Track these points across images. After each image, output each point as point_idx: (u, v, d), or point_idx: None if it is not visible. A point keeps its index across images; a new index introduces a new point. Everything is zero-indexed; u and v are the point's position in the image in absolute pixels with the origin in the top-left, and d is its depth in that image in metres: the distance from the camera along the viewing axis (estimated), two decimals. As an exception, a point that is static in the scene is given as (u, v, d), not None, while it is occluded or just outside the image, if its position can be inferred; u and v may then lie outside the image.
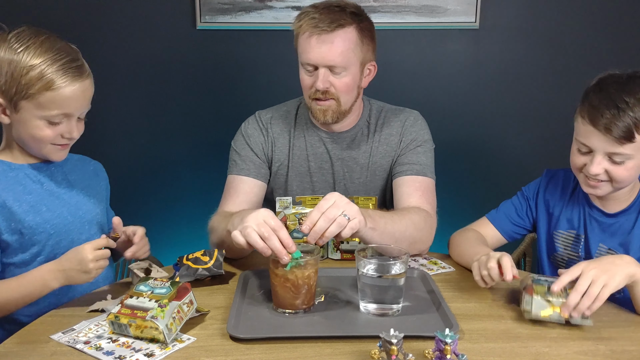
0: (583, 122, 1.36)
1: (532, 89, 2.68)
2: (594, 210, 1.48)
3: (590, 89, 1.39)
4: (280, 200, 1.52)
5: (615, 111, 1.30)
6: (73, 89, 1.28)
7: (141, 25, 2.58)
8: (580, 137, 1.37)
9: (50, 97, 1.26)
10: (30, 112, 1.28)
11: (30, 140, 1.32)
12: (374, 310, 1.21)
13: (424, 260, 1.54)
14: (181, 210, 2.68)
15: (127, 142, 2.69)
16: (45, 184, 1.36)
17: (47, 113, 1.28)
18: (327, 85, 1.54)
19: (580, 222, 1.50)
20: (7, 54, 1.25)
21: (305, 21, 1.52)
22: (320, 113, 1.58)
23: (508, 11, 2.61)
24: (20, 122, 1.29)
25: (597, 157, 1.34)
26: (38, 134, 1.30)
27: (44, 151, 1.34)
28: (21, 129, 1.31)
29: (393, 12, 2.56)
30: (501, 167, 2.75)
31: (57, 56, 1.27)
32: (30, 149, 1.35)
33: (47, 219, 1.34)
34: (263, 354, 1.08)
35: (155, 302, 1.12)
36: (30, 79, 1.25)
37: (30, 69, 1.25)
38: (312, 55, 1.52)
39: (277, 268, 1.21)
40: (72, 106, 1.30)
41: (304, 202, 1.55)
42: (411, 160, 1.63)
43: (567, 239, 1.48)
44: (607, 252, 1.44)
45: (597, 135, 1.32)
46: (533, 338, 1.14)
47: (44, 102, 1.26)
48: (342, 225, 1.22)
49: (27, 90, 1.25)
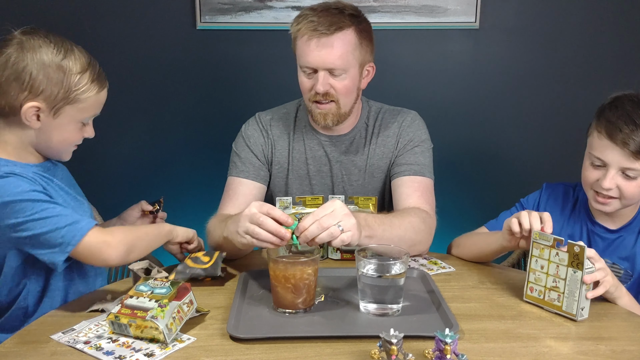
0: (599, 137, 1.39)
1: (531, 89, 2.68)
2: (597, 227, 1.50)
3: (606, 106, 1.42)
4: (280, 200, 1.52)
5: (633, 127, 1.34)
6: (105, 91, 1.36)
7: (141, 25, 2.58)
8: (595, 152, 1.40)
9: (93, 101, 1.31)
10: (71, 116, 1.30)
11: (59, 143, 1.34)
12: (374, 310, 1.21)
13: (424, 260, 1.54)
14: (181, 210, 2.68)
15: (126, 141, 2.69)
16: (54, 180, 1.37)
17: (85, 116, 1.32)
18: (327, 88, 1.53)
19: (583, 238, 1.51)
20: (52, 59, 1.25)
21: (304, 24, 1.51)
22: (320, 117, 1.58)
23: (508, 11, 2.60)
24: (55, 127, 1.30)
25: (611, 172, 1.37)
26: (71, 138, 1.34)
27: (65, 153, 1.37)
28: (54, 133, 1.31)
29: (393, 12, 2.56)
30: (501, 167, 2.75)
31: (93, 61, 1.32)
32: (51, 151, 1.35)
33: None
34: (263, 354, 1.08)
35: (155, 302, 1.13)
36: (81, 85, 1.28)
37: (81, 75, 1.27)
38: (311, 58, 1.52)
39: (277, 268, 1.21)
40: (101, 107, 1.36)
41: (304, 202, 1.55)
42: (409, 160, 1.63)
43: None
44: (612, 266, 1.46)
45: (614, 149, 1.36)
46: (533, 338, 1.14)
47: (87, 107, 1.31)
48: (333, 236, 1.21)
49: (78, 96, 1.27)
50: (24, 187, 1.22)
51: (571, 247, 1.20)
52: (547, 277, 1.25)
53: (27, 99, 1.24)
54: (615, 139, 1.35)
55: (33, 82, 1.24)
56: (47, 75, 1.24)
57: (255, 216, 1.24)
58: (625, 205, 1.43)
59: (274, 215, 1.23)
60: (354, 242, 1.26)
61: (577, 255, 1.20)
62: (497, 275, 1.45)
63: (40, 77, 1.24)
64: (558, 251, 1.23)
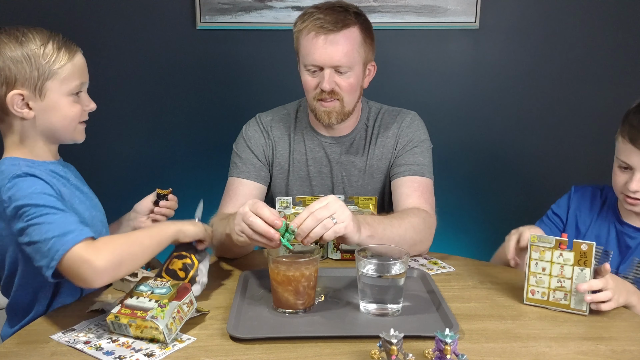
0: (623, 142, 1.44)
1: (531, 89, 2.68)
2: (625, 227, 1.52)
3: (631, 110, 1.47)
4: (280, 200, 1.52)
5: None
6: (80, 56, 1.32)
7: (141, 25, 2.58)
8: (621, 156, 1.46)
9: (70, 69, 1.28)
10: (57, 91, 1.27)
11: (64, 123, 1.31)
12: (374, 310, 1.21)
13: (424, 260, 1.54)
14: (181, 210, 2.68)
15: (126, 141, 2.69)
16: (70, 179, 1.36)
17: (72, 85, 1.29)
18: (333, 86, 1.54)
19: (610, 238, 1.54)
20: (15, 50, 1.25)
21: (311, 22, 1.51)
22: (325, 115, 1.58)
23: (508, 11, 2.60)
24: (49, 108, 1.28)
25: (637, 175, 1.42)
26: (70, 113, 1.30)
27: (75, 132, 1.34)
28: (51, 115, 1.29)
29: (393, 12, 2.56)
30: (500, 167, 2.75)
31: (53, 33, 1.30)
32: (61, 135, 1.33)
33: (81, 211, 1.33)
34: (263, 354, 1.08)
35: (155, 302, 1.13)
36: (49, 57, 1.26)
37: (44, 48, 1.26)
38: (317, 55, 1.52)
39: (277, 268, 1.21)
40: (85, 74, 1.33)
41: (304, 202, 1.55)
42: (408, 161, 1.63)
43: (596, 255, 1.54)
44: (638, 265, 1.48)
45: (637, 153, 1.41)
46: (533, 338, 1.14)
47: (68, 76, 1.28)
48: (326, 227, 1.21)
49: (50, 68, 1.26)
50: (36, 188, 1.20)
51: (577, 245, 1.22)
52: (550, 278, 1.25)
53: (6, 93, 1.25)
54: (638, 143, 1.40)
55: (4, 75, 1.24)
56: (14, 63, 1.24)
57: (247, 215, 1.24)
58: None
59: (262, 215, 1.23)
60: (350, 233, 1.26)
61: (585, 253, 1.21)
62: (497, 275, 1.45)
63: (8, 68, 1.24)
64: (562, 252, 1.23)
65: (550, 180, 1.73)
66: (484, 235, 2.72)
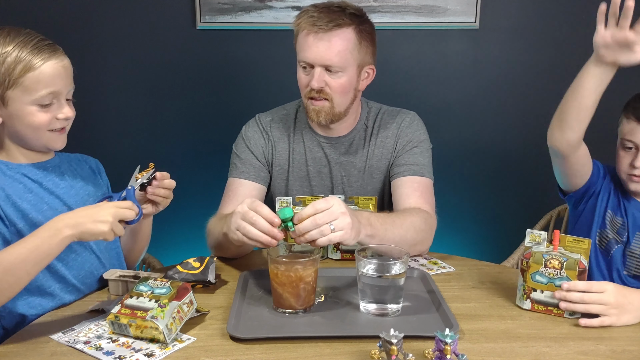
0: (628, 121, 1.55)
1: (531, 89, 2.68)
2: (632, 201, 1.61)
3: (630, 99, 1.58)
4: (280, 200, 1.52)
5: None
6: (53, 64, 1.27)
7: (141, 25, 2.58)
8: (625, 135, 1.55)
9: (34, 78, 1.25)
10: (20, 100, 1.25)
11: (28, 132, 1.29)
12: (374, 310, 1.21)
13: (424, 260, 1.54)
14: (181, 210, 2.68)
15: (126, 141, 2.69)
16: (44, 183, 1.35)
17: (36, 95, 1.25)
18: (322, 85, 1.54)
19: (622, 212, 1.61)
20: None
21: (304, 19, 1.52)
22: (314, 114, 1.58)
23: (508, 11, 2.60)
24: (13, 116, 1.27)
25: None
26: (34, 122, 1.27)
27: (44, 140, 1.31)
28: (16, 123, 1.28)
29: (393, 12, 2.56)
30: (501, 167, 2.75)
31: (27, 38, 1.26)
32: (29, 142, 1.32)
33: (49, 217, 1.32)
34: (263, 354, 1.08)
35: (155, 302, 1.13)
36: (9, 66, 1.23)
37: (6, 56, 1.23)
38: (308, 53, 1.52)
39: (277, 268, 1.21)
40: (58, 83, 1.28)
41: (304, 202, 1.55)
42: (408, 161, 1.63)
43: (615, 224, 1.62)
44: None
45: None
46: (533, 338, 1.14)
47: (30, 85, 1.25)
48: (323, 234, 1.21)
49: (10, 78, 1.23)
50: None
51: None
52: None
53: None
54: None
55: None
56: None
57: (248, 214, 1.24)
58: None
59: (262, 213, 1.24)
60: (346, 242, 1.26)
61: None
62: (497, 275, 1.45)
63: None
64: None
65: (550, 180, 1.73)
66: (484, 235, 2.73)
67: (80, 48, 2.52)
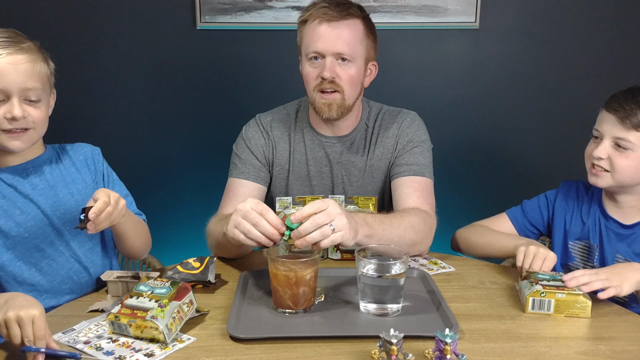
0: (601, 112, 1.50)
1: (531, 89, 2.68)
2: (610, 222, 1.53)
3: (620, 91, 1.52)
4: (280, 200, 1.52)
5: (633, 105, 1.43)
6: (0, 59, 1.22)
7: (141, 25, 2.58)
8: (596, 125, 1.51)
9: None
10: None
11: None
12: (374, 310, 1.21)
13: (424, 260, 1.54)
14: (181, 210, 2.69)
15: (126, 141, 2.69)
16: (19, 186, 1.33)
17: None
18: (334, 75, 1.54)
19: (595, 233, 1.54)
20: None
21: (315, 9, 1.54)
22: (325, 107, 1.58)
23: (508, 11, 2.61)
24: None
25: (605, 142, 1.46)
26: None
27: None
28: None
29: (393, 12, 2.56)
30: (501, 167, 2.75)
31: None
32: None
33: (21, 222, 1.31)
34: (263, 354, 1.08)
35: (155, 302, 1.13)
36: None
37: None
38: (320, 42, 1.53)
39: (277, 268, 1.21)
40: (4, 80, 1.22)
41: (304, 202, 1.55)
42: (408, 161, 1.63)
43: (582, 250, 1.57)
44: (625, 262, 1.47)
45: (610, 119, 1.45)
46: (533, 338, 1.14)
47: None
48: (325, 235, 1.21)
49: None
50: None
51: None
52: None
53: None
54: (613, 111, 1.45)
55: None
56: None
57: (250, 214, 1.24)
58: (618, 182, 1.46)
59: (268, 218, 1.23)
60: (346, 242, 1.25)
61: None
62: (497, 275, 1.45)
63: None
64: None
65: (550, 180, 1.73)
66: (484, 235, 2.72)
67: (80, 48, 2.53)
